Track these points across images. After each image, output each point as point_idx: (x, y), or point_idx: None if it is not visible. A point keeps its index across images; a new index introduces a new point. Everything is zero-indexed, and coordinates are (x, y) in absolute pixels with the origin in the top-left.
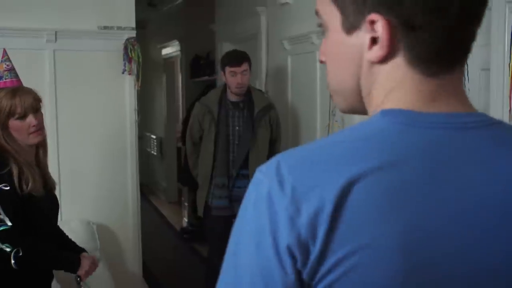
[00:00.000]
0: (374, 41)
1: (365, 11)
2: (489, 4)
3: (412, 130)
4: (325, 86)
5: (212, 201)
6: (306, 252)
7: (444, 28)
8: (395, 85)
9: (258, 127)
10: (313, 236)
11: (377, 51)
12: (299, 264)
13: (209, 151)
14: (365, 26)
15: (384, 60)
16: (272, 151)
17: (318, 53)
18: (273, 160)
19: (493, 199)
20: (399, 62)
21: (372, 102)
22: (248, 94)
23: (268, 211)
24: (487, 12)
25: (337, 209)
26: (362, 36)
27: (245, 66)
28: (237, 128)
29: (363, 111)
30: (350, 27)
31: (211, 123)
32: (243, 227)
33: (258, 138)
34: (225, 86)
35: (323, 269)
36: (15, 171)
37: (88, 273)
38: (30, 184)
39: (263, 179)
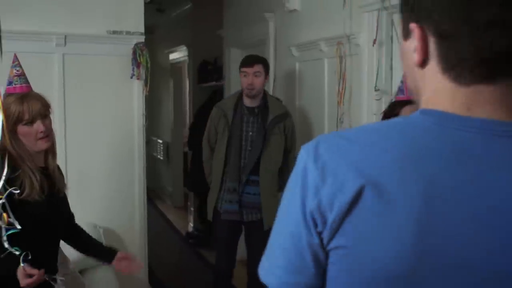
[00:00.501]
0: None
1: (410, 20)
2: None
3: (439, 129)
4: (333, 92)
5: (221, 206)
6: (323, 218)
7: (472, 38)
8: (433, 91)
9: (271, 134)
10: (331, 207)
11: (416, 56)
12: (319, 227)
13: (221, 155)
14: (412, 34)
15: (422, 65)
16: (286, 160)
17: (326, 60)
18: (315, 140)
19: (507, 205)
20: (435, 69)
21: (421, 104)
22: (264, 101)
23: (302, 182)
24: None
25: (354, 200)
26: (411, 42)
27: (257, 68)
28: (250, 133)
29: None
30: (406, 34)
31: (225, 127)
32: (285, 194)
33: (270, 145)
34: (242, 92)
35: (336, 242)
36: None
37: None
38: (26, 191)
39: (303, 155)
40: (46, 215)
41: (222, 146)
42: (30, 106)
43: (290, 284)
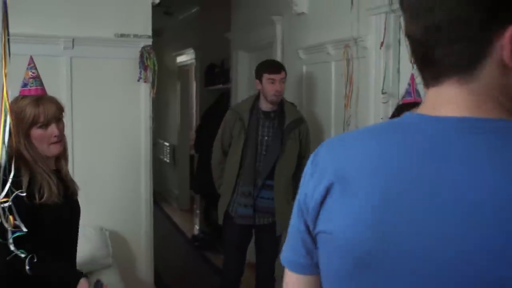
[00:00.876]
0: None
1: None
2: None
3: (412, 128)
4: (340, 95)
5: (235, 210)
6: (307, 206)
7: (415, 41)
8: None
9: (287, 139)
10: (312, 197)
11: None
12: (305, 215)
13: (236, 158)
14: None
15: None
16: (299, 165)
17: (333, 63)
18: (324, 141)
19: (467, 198)
20: None
21: None
22: (281, 105)
23: (303, 178)
24: None
25: (326, 192)
26: None
27: (283, 74)
28: (266, 138)
29: None
30: None
31: (241, 130)
32: None
33: (286, 150)
34: (257, 95)
35: (318, 228)
36: (25, 180)
37: None
38: (45, 194)
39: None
40: (66, 218)
41: (238, 149)
42: (46, 109)
43: (292, 261)
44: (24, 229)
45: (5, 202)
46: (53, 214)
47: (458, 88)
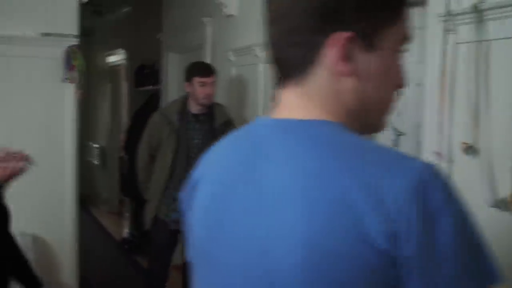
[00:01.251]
0: None
1: None
2: (424, 23)
3: (252, 130)
4: (268, 98)
5: (168, 215)
6: (184, 204)
7: (269, 45)
8: None
9: (217, 141)
10: (186, 194)
11: None
12: (185, 211)
13: (166, 162)
14: None
15: None
16: None
17: (262, 66)
18: None
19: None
20: None
21: None
22: (210, 107)
23: None
24: (421, 31)
25: (193, 187)
26: None
27: (214, 77)
28: (196, 141)
29: None
30: None
31: (170, 134)
32: None
33: None
34: (186, 98)
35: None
36: None
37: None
38: None
39: None
40: None
41: (167, 153)
42: None
43: (188, 253)
44: None
45: None
46: None
47: (293, 91)
